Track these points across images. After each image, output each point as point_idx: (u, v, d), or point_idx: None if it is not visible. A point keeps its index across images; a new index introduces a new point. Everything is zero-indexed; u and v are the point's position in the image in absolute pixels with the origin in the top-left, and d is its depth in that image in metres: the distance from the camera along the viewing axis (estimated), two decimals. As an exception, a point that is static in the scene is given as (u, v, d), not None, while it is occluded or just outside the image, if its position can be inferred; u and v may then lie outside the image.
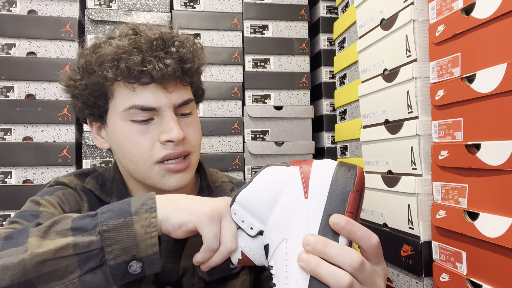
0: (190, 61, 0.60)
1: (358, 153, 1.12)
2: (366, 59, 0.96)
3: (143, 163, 0.59)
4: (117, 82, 0.59)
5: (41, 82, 1.15)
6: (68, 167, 1.15)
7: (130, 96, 0.58)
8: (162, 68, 0.56)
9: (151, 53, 0.57)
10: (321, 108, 1.37)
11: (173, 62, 0.57)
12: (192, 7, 1.28)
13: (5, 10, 1.16)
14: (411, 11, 0.76)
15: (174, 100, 0.59)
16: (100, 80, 0.59)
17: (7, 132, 1.13)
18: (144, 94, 0.58)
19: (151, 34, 0.59)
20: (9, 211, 1.11)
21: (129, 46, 0.57)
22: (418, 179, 0.74)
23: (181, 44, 0.60)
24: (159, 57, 0.57)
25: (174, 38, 0.61)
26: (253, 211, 0.45)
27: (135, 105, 0.58)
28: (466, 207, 0.64)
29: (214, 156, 1.26)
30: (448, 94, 0.68)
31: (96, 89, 0.60)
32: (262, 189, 0.45)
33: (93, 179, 0.66)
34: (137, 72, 0.56)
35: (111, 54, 0.58)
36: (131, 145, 0.59)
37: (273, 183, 0.45)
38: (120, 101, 0.59)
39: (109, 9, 1.22)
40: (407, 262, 0.77)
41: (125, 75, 0.57)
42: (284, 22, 1.34)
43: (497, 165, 0.57)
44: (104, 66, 0.58)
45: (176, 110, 0.60)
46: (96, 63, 0.59)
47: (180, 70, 0.59)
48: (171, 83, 0.59)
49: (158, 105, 0.58)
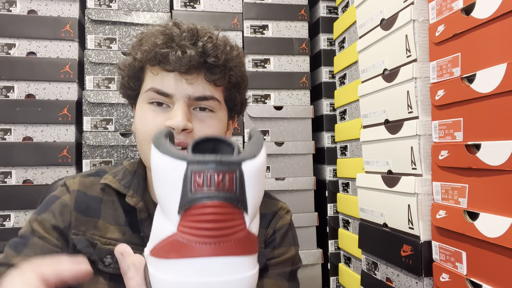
0: (213, 55, 0.60)
1: (358, 153, 1.12)
2: (366, 59, 0.96)
3: (145, 144, 0.60)
4: (146, 66, 0.62)
5: (41, 82, 1.15)
6: (68, 167, 1.15)
7: (153, 79, 0.61)
8: (180, 56, 0.57)
9: (178, 41, 0.59)
10: (321, 108, 1.37)
11: (194, 53, 0.58)
12: (192, 7, 1.28)
13: (5, 10, 1.16)
14: (411, 11, 0.76)
15: (191, 92, 0.59)
16: (131, 61, 0.63)
17: (7, 132, 1.12)
18: (164, 80, 0.60)
19: (185, 27, 0.61)
20: (9, 211, 1.11)
21: (160, 32, 0.61)
22: (418, 179, 0.74)
23: (210, 39, 0.61)
24: (183, 45, 0.59)
25: (207, 34, 0.62)
26: None
27: (153, 87, 0.60)
28: (466, 207, 0.64)
29: (214, 156, 1.26)
30: (448, 94, 0.68)
31: (130, 70, 0.64)
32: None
33: (111, 175, 0.68)
34: (158, 55, 0.58)
35: (143, 37, 0.63)
36: (140, 124, 0.61)
37: None
38: (145, 84, 0.63)
39: (109, 9, 1.22)
40: (407, 262, 0.77)
41: (148, 57, 0.60)
42: (284, 22, 1.34)
43: (497, 165, 0.57)
44: (135, 47, 0.63)
45: (192, 103, 0.60)
46: (132, 45, 0.64)
47: (202, 64, 0.60)
48: (193, 75, 0.60)
49: (173, 92, 0.59)
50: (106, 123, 1.19)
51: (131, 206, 0.63)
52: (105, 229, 0.62)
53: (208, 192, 0.27)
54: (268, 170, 1.29)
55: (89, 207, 0.63)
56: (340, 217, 1.25)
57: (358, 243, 0.99)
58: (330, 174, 1.34)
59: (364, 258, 0.98)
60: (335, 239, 1.30)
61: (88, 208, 0.63)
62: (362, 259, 0.99)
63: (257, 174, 0.28)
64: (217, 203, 0.27)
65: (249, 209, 0.28)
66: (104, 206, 0.64)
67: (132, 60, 0.63)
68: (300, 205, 1.30)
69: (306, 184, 1.30)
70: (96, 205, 0.64)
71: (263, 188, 0.30)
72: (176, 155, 0.28)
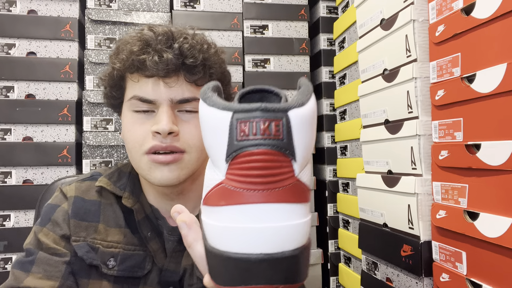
0: (191, 56, 0.59)
1: (358, 153, 1.12)
2: (366, 59, 0.96)
3: (135, 152, 0.60)
4: (126, 74, 0.62)
5: (41, 82, 1.16)
6: (68, 167, 1.15)
7: (134, 87, 0.61)
8: (157, 61, 0.57)
9: (154, 46, 0.59)
10: (321, 108, 1.37)
11: (171, 56, 0.58)
12: (192, 7, 1.28)
13: (5, 10, 1.16)
14: (411, 11, 0.76)
15: (173, 95, 0.59)
16: (111, 71, 0.63)
17: (7, 132, 1.13)
18: (145, 86, 0.59)
19: (160, 30, 0.61)
20: (9, 211, 1.11)
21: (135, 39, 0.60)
22: (418, 179, 0.74)
23: (185, 40, 0.60)
24: (159, 50, 0.58)
25: (182, 35, 0.61)
26: None
27: (135, 95, 0.60)
28: (466, 207, 0.64)
29: (214, 156, 1.26)
30: (448, 94, 0.68)
31: (111, 80, 0.63)
32: None
33: (105, 178, 0.67)
34: (136, 62, 0.58)
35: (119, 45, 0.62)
36: (128, 133, 0.61)
37: None
38: (127, 92, 0.62)
39: (109, 9, 1.22)
40: (407, 262, 0.77)
41: (126, 65, 0.59)
42: (284, 22, 1.34)
43: (497, 165, 0.57)
44: (112, 57, 0.63)
45: (177, 106, 0.60)
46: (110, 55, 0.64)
47: (180, 66, 0.59)
48: (173, 78, 0.59)
49: (155, 97, 0.59)
50: (106, 123, 1.19)
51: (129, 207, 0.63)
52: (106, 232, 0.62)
53: (254, 140, 0.27)
54: (268, 170, 1.29)
55: (88, 213, 0.63)
56: (340, 217, 1.25)
57: (358, 243, 0.99)
58: (330, 174, 1.34)
59: (364, 258, 0.98)
60: (335, 239, 1.30)
61: (87, 214, 0.63)
62: (362, 259, 0.99)
63: (305, 121, 0.28)
64: (264, 150, 0.27)
65: (297, 157, 0.28)
66: (104, 209, 0.64)
67: (111, 69, 0.62)
68: (300, 205, 1.30)
69: (306, 184, 1.30)
70: (95, 209, 0.64)
71: (313, 137, 0.30)
72: (222, 106, 0.28)
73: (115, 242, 0.62)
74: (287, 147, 0.27)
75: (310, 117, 0.28)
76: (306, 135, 0.28)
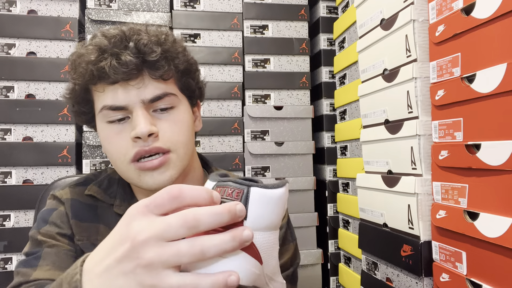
0: (148, 52, 0.57)
1: (358, 153, 1.12)
2: (366, 59, 0.96)
3: (120, 163, 0.58)
4: (90, 87, 0.59)
5: (41, 82, 1.15)
6: (68, 167, 1.15)
7: (101, 97, 0.58)
8: (116, 65, 0.54)
9: (109, 50, 0.56)
10: (321, 108, 1.37)
11: (130, 57, 0.55)
12: (192, 7, 1.28)
13: (5, 10, 1.16)
14: (411, 11, 0.76)
15: (143, 96, 0.57)
16: (73, 87, 0.60)
17: (7, 132, 1.13)
18: (112, 94, 0.57)
19: (112, 33, 0.58)
20: (9, 211, 1.11)
21: (89, 49, 0.57)
22: (418, 179, 0.74)
23: (139, 36, 0.57)
24: (115, 53, 0.56)
25: (135, 33, 0.58)
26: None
27: (105, 105, 0.57)
28: (466, 207, 0.64)
29: (214, 156, 1.26)
30: (448, 94, 0.68)
31: (76, 96, 0.61)
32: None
33: (95, 185, 0.66)
34: (95, 72, 0.55)
35: (74, 59, 0.59)
36: (108, 145, 0.59)
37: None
38: (96, 104, 0.60)
39: (109, 9, 1.22)
40: (407, 262, 0.77)
41: (87, 78, 0.57)
42: (284, 22, 1.34)
43: (497, 165, 0.57)
44: (71, 72, 0.59)
45: (150, 106, 0.58)
46: (68, 71, 0.61)
47: (142, 64, 0.57)
48: (138, 79, 0.57)
49: (126, 102, 0.56)
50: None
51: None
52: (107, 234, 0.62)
53: (222, 198, 0.36)
54: (268, 170, 1.29)
55: (86, 214, 0.63)
56: (340, 217, 1.25)
57: (358, 243, 0.99)
58: (330, 174, 1.34)
59: (364, 258, 0.98)
60: (335, 239, 1.30)
61: (86, 215, 0.62)
62: (362, 259, 0.99)
63: (264, 199, 0.36)
64: None
65: (248, 218, 0.35)
66: (101, 212, 0.64)
67: (73, 85, 0.59)
68: (300, 205, 1.30)
69: (306, 184, 1.30)
70: (93, 211, 0.63)
71: (272, 214, 0.37)
72: (213, 179, 0.39)
73: None
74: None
75: (269, 198, 0.37)
76: (262, 208, 0.36)
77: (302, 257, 1.27)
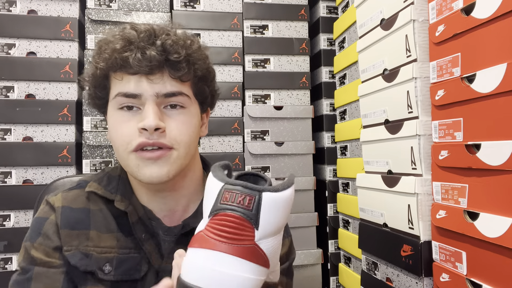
0: (174, 52, 0.59)
1: (358, 153, 1.12)
2: (366, 59, 0.96)
3: (122, 151, 0.59)
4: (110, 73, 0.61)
5: (41, 82, 1.15)
6: (68, 167, 1.15)
7: (118, 85, 0.60)
8: (140, 58, 0.57)
9: (136, 43, 0.58)
10: (321, 108, 1.37)
11: (155, 52, 0.57)
12: (192, 7, 1.28)
13: (5, 10, 1.16)
14: (411, 11, 0.76)
15: (158, 89, 0.59)
16: (94, 71, 0.62)
17: (7, 132, 1.13)
18: (129, 83, 0.59)
19: (142, 28, 0.60)
20: (9, 211, 1.11)
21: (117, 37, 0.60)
22: (418, 179, 0.74)
23: (167, 36, 0.60)
24: (141, 47, 0.58)
25: (164, 32, 0.61)
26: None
27: (120, 92, 0.59)
28: (466, 207, 0.64)
29: (214, 156, 1.26)
30: (448, 94, 0.68)
31: (95, 80, 0.63)
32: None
33: (95, 182, 0.66)
34: (119, 60, 0.58)
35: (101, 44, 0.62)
36: (114, 133, 0.60)
37: None
38: (111, 91, 0.62)
39: (109, 9, 1.22)
40: (407, 262, 0.77)
41: (109, 64, 0.59)
42: (284, 22, 1.34)
43: (497, 165, 0.57)
44: (95, 56, 0.62)
45: (162, 101, 0.60)
46: (93, 55, 0.64)
47: (164, 62, 0.59)
48: (157, 75, 0.59)
49: (140, 91, 0.58)
50: (106, 123, 1.19)
51: (120, 210, 0.63)
52: (98, 239, 0.62)
53: (231, 205, 0.36)
54: (268, 170, 1.29)
55: (77, 221, 0.63)
56: (340, 217, 1.25)
57: (358, 243, 0.99)
58: (330, 174, 1.34)
59: (364, 258, 0.98)
60: (335, 239, 1.30)
61: (77, 222, 0.62)
62: (362, 259, 0.99)
63: (275, 204, 0.36)
64: (235, 215, 0.36)
65: (260, 227, 0.36)
66: (93, 215, 0.64)
67: (94, 69, 0.62)
68: (300, 205, 1.30)
69: (306, 184, 1.30)
70: (85, 216, 0.63)
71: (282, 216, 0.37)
72: (219, 177, 0.37)
73: (108, 248, 0.61)
74: (253, 218, 0.36)
75: (280, 202, 0.36)
76: (274, 214, 0.36)
77: (302, 257, 1.27)
